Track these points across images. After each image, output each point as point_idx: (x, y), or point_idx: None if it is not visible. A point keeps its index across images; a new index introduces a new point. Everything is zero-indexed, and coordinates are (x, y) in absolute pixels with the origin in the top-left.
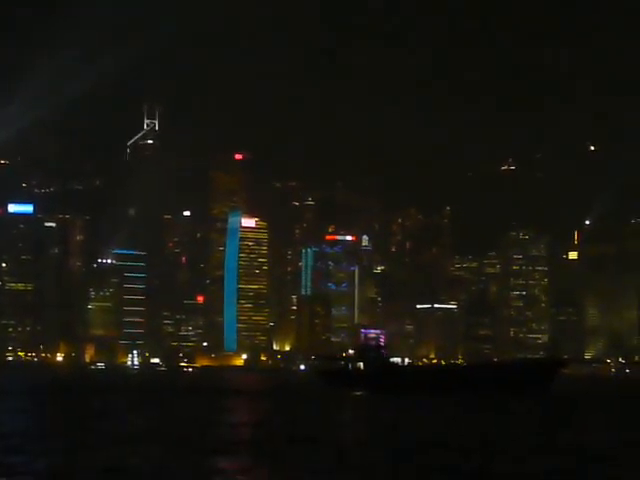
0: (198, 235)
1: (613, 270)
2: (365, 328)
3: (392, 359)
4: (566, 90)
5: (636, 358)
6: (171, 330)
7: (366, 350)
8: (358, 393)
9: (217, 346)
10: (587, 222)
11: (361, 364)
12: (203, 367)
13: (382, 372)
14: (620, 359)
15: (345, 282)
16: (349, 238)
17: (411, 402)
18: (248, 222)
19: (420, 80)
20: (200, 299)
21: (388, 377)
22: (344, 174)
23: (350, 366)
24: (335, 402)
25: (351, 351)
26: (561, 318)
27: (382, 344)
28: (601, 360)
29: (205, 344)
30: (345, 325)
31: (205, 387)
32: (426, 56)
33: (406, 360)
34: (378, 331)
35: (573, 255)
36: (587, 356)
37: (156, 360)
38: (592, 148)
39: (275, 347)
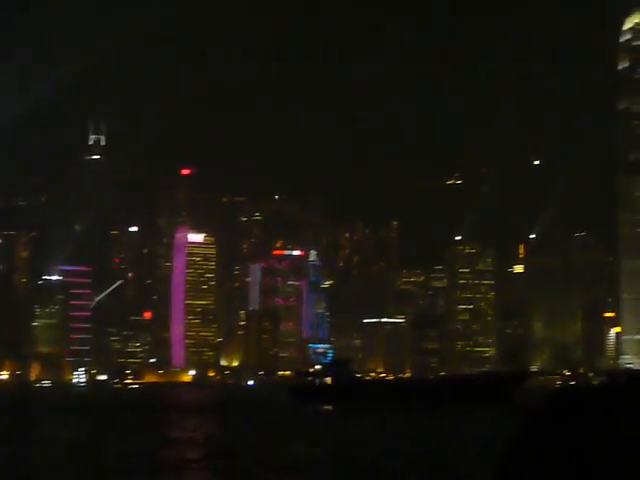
0: (145, 251)
1: (558, 283)
2: (313, 343)
3: None
4: (510, 104)
5: (581, 370)
6: (118, 347)
7: (334, 365)
8: (326, 408)
9: (165, 362)
10: (532, 235)
11: (329, 379)
12: (150, 384)
13: (350, 387)
14: (565, 371)
15: (293, 297)
16: (297, 253)
17: (372, 417)
18: (195, 237)
19: (370, 95)
20: (147, 315)
21: (355, 392)
22: (291, 189)
23: (318, 381)
24: (296, 417)
25: (318, 367)
26: (507, 331)
27: (350, 360)
28: (551, 372)
29: (152, 360)
30: (293, 340)
31: (148, 404)
32: (376, 71)
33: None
34: (326, 346)
35: (519, 268)
36: (533, 369)
37: (103, 377)
38: (536, 162)
39: (223, 363)
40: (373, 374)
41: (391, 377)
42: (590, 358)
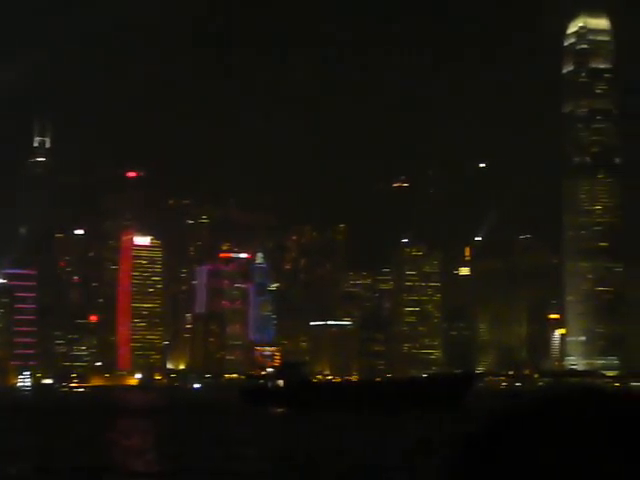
0: (91, 254)
1: (503, 285)
2: (260, 345)
3: None
4: (457, 107)
5: (526, 371)
6: (63, 350)
7: (286, 368)
8: (278, 410)
9: (111, 366)
10: (478, 238)
11: (281, 382)
12: (96, 387)
13: (302, 389)
14: (510, 372)
15: (239, 300)
16: (243, 256)
17: (323, 419)
18: (142, 240)
19: (309, 96)
20: (93, 318)
21: (308, 394)
22: (238, 192)
23: (270, 384)
24: (245, 420)
25: (270, 369)
26: (453, 333)
27: (303, 362)
28: (497, 373)
29: (98, 364)
30: (239, 343)
31: (94, 407)
32: (319, 73)
33: None
34: (273, 348)
35: (464, 271)
36: (479, 370)
37: (49, 381)
38: (482, 165)
39: (169, 366)
40: (320, 376)
41: (338, 379)
42: (535, 359)
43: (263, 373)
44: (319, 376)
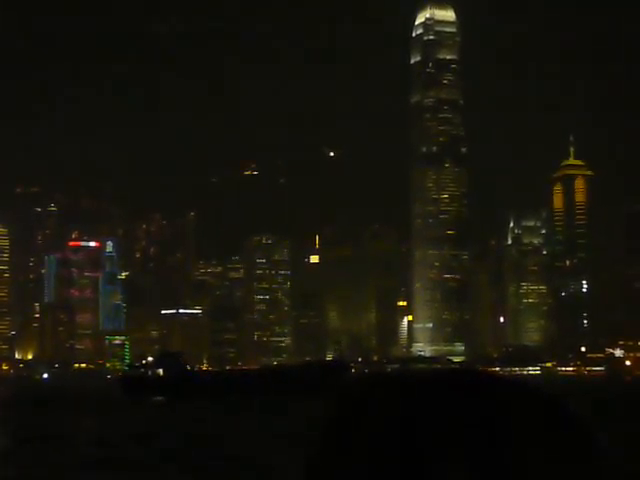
0: None
1: (352, 273)
2: (110, 334)
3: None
4: (305, 95)
5: (375, 358)
6: None
7: (165, 358)
8: (158, 399)
9: None
10: (327, 226)
11: (160, 371)
12: None
13: (181, 378)
14: (359, 359)
15: (89, 288)
16: (93, 244)
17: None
18: None
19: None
20: None
21: (187, 383)
22: (88, 180)
23: (150, 373)
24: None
25: (150, 359)
26: (303, 321)
27: (181, 352)
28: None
29: None
30: (89, 332)
31: None
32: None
33: None
34: (123, 337)
35: (315, 259)
36: (328, 357)
37: None
38: (331, 154)
39: (18, 356)
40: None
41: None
42: (384, 346)
43: (143, 362)
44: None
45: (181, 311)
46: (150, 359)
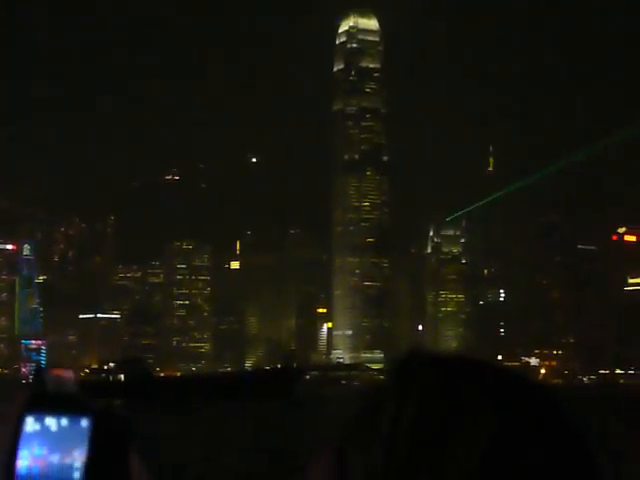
0: None
1: (273, 279)
2: (26, 339)
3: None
4: (225, 104)
5: (294, 365)
6: None
7: (127, 362)
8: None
9: None
10: (248, 232)
11: (122, 375)
12: None
13: (142, 382)
14: (278, 365)
15: (5, 292)
16: (9, 247)
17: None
18: None
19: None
20: None
21: (148, 387)
22: (5, 181)
23: (111, 377)
24: None
25: (112, 363)
26: (222, 327)
27: (143, 357)
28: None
29: None
30: (5, 336)
31: None
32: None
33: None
34: (39, 342)
35: (235, 265)
36: (248, 364)
37: None
38: (254, 160)
39: None
40: (88, 370)
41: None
42: (303, 353)
43: (105, 367)
44: (87, 370)
45: (99, 315)
46: (112, 364)
